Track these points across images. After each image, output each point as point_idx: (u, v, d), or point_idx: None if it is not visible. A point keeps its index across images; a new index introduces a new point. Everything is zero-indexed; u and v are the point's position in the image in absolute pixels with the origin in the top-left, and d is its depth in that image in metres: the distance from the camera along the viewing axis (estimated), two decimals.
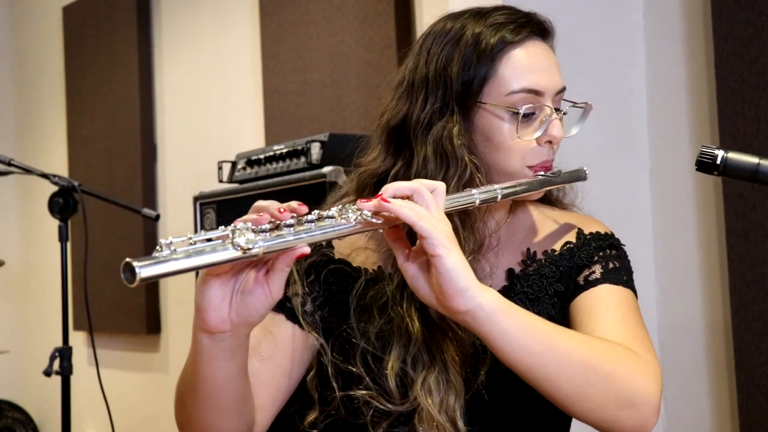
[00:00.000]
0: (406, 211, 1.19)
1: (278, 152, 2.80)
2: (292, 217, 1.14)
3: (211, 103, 4.11)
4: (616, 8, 2.64)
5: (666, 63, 2.58)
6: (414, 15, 3.09)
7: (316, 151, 2.64)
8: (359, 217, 1.19)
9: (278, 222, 1.13)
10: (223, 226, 1.09)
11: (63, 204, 3.00)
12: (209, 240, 1.08)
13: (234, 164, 2.99)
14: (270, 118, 3.64)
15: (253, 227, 1.10)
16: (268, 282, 1.16)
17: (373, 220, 1.20)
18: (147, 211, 3.15)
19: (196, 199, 3.03)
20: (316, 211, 1.17)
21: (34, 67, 5.37)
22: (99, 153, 4.62)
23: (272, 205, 1.15)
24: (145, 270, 1.01)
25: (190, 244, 1.06)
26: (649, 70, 2.61)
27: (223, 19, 4.02)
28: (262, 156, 2.87)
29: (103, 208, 3.53)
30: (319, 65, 3.43)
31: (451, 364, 1.36)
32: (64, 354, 2.96)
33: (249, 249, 1.07)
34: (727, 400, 2.41)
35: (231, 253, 1.07)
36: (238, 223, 1.10)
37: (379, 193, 1.22)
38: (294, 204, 1.16)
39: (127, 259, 1.01)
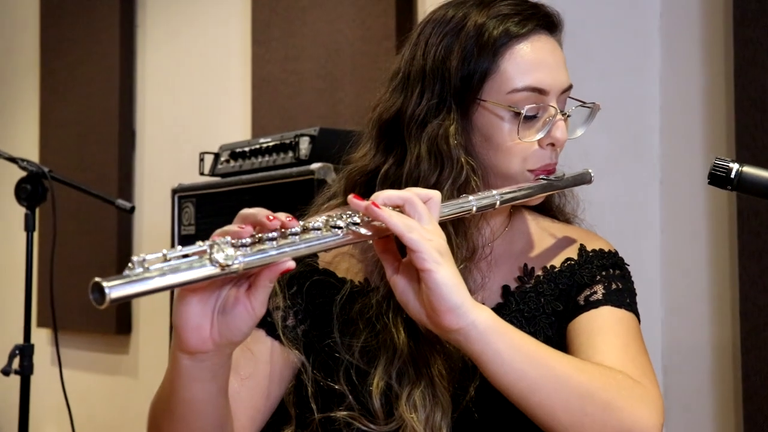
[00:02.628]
0: (395, 221, 1.17)
1: (265, 145, 2.79)
2: (276, 230, 1.12)
3: (196, 89, 4.10)
4: (631, 7, 2.63)
5: (682, 68, 2.57)
6: (416, 4, 3.07)
7: (305, 146, 2.63)
8: (347, 229, 1.17)
9: (260, 236, 1.11)
10: (200, 242, 1.07)
11: (31, 191, 2.98)
12: (185, 256, 1.06)
13: (217, 156, 2.98)
14: (258, 108, 3.63)
15: (233, 241, 1.08)
16: (251, 298, 1.14)
17: (362, 232, 1.18)
18: (121, 202, 3.13)
19: (174, 191, 3.01)
20: (302, 223, 1.15)
21: (8, 43, 5.35)
22: (73, 138, 4.59)
23: (260, 212, 1.13)
24: (115, 290, 0.99)
25: (165, 260, 1.04)
26: (663, 75, 2.60)
27: (213, 1, 4.01)
28: (247, 149, 2.86)
29: (75, 198, 3.51)
30: (312, 55, 3.41)
31: (438, 379, 1.35)
32: (24, 352, 2.94)
33: (228, 265, 1.06)
34: (733, 430, 2.40)
35: (209, 270, 1.05)
36: (217, 238, 1.08)
37: (370, 199, 1.20)
38: (282, 216, 1.14)
39: (96, 279, 0.99)
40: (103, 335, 4.42)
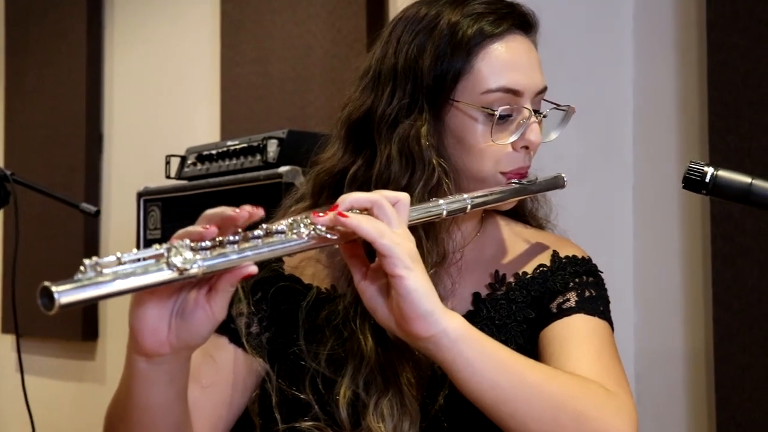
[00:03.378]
0: (365, 226, 1.14)
1: (232, 148, 2.76)
2: (238, 233, 1.09)
3: (164, 91, 4.06)
4: (604, 10, 2.62)
5: (655, 72, 2.56)
6: (387, 6, 3.04)
7: (272, 148, 2.60)
8: (312, 232, 1.14)
9: (221, 239, 1.07)
10: (158, 245, 1.04)
11: None
12: (142, 259, 1.02)
13: (183, 159, 2.95)
14: (227, 111, 3.59)
15: (192, 245, 1.04)
16: (210, 302, 1.10)
17: (328, 236, 1.15)
18: (85, 206, 3.07)
19: (140, 195, 2.98)
20: (265, 226, 1.11)
21: None
22: (39, 140, 4.54)
23: (224, 210, 1.10)
24: (65, 295, 0.95)
25: (119, 264, 1.00)
26: (636, 79, 2.59)
27: (182, 2, 3.97)
28: (214, 151, 2.83)
29: (40, 201, 3.44)
30: (282, 57, 3.38)
31: (406, 387, 1.33)
32: None
33: (186, 269, 1.02)
34: None
35: (166, 275, 1.02)
36: (175, 241, 1.05)
37: (335, 203, 1.17)
38: (248, 207, 1.10)
39: (45, 283, 0.95)
40: (69, 341, 4.36)
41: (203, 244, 1.05)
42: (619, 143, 2.60)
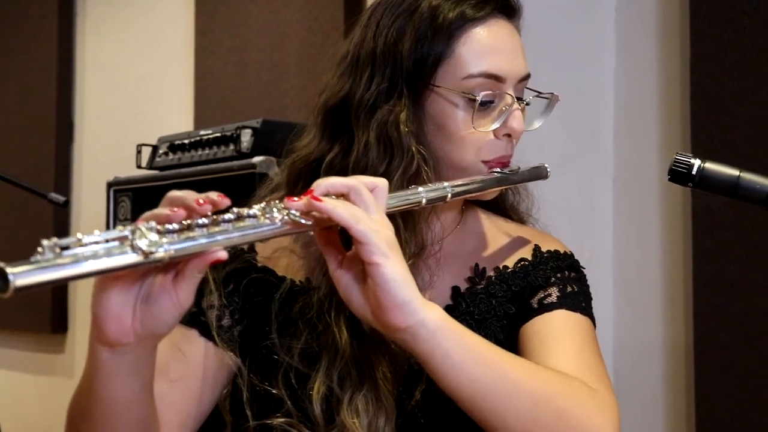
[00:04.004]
0: (340, 211, 1.10)
1: (205, 138, 2.71)
2: (207, 216, 1.04)
3: (137, 79, 4.00)
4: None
5: (637, 63, 2.52)
6: None
7: (246, 138, 2.55)
8: (286, 217, 1.09)
9: (189, 222, 1.02)
10: (121, 226, 0.99)
11: None
12: (106, 242, 0.97)
13: (155, 148, 2.91)
14: (201, 100, 3.55)
15: (159, 227, 1.00)
16: (177, 288, 1.05)
17: (302, 221, 1.10)
18: (54, 195, 3.03)
19: (110, 185, 2.94)
20: (236, 210, 1.07)
21: None
22: (8, 129, 4.47)
23: (189, 195, 1.05)
24: (21, 278, 0.89)
25: (80, 245, 0.95)
26: (618, 70, 2.55)
27: None
28: (186, 141, 2.79)
29: (9, 191, 3.40)
30: (257, 45, 3.34)
31: (382, 382, 1.29)
32: None
33: (152, 253, 0.97)
34: None
35: (130, 258, 0.97)
36: (141, 223, 1.00)
37: (310, 188, 1.13)
38: (213, 195, 1.06)
39: None
40: (38, 334, 4.30)
41: (170, 226, 1.01)
42: (599, 135, 2.56)
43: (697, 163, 1.25)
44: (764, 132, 2.16)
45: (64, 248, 0.93)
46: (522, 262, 1.41)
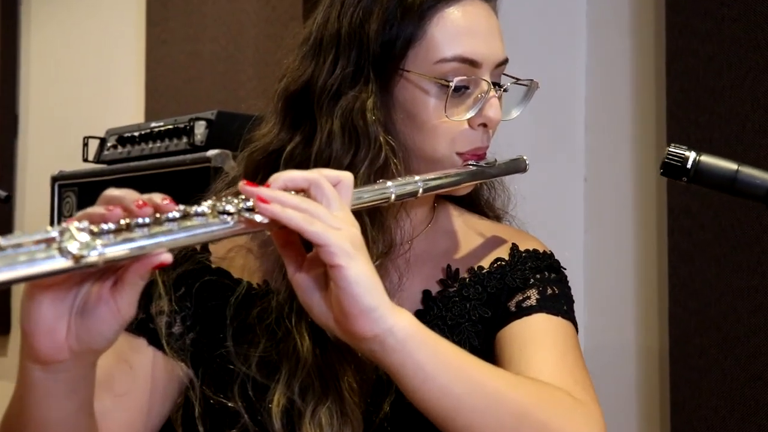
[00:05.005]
0: (290, 214, 0.99)
1: (156, 130, 2.61)
2: (149, 215, 0.93)
3: (85, 70, 3.89)
4: None
5: (610, 57, 2.45)
6: None
7: (200, 131, 2.46)
8: (238, 216, 0.98)
9: (128, 221, 0.91)
10: (50, 226, 0.87)
11: None
12: (29, 243, 0.85)
13: (103, 141, 2.81)
14: (152, 92, 3.44)
15: (92, 228, 0.88)
16: (116, 297, 0.94)
17: (257, 219, 0.99)
18: None
19: (54, 179, 2.82)
20: (182, 207, 0.95)
21: None
22: None
23: (128, 195, 0.94)
24: None
25: (1, 249, 0.83)
26: (590, 64, 2.47)
27: None
28: (136, 133, 2.69)
29: None
30: (212, 36, 3.24)
31: (347, 393, 1.20)
32: None
33: (83, 257, 0.85)
34: None
35: (57, 263, 0.85)
36: (72, 222, 0.87)
37: (267, 183, 1.03)
38: (157, 198, 0.94)
39: None
40: None
41: (106, 227, 0.89)
42: (570, 132, 2.48)
43: (692, 156, 1.18)
44: (742, 128, 2.09)
45: None
46: (498, 263, 1.32)
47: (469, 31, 1.23)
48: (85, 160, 2.85)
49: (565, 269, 1.37)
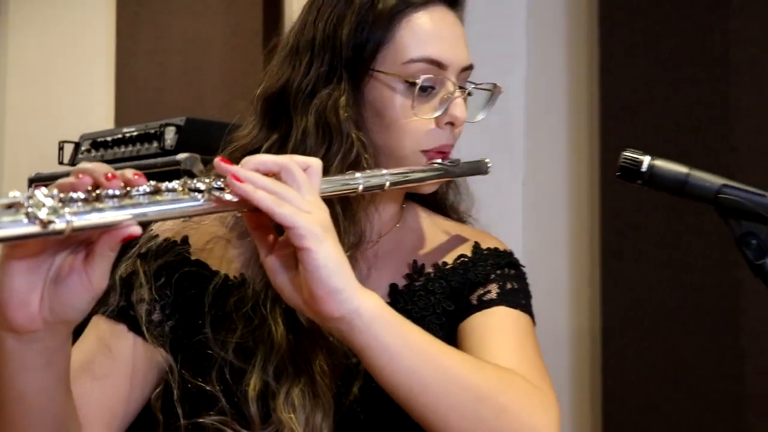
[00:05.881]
0: (260, 194, 0.92)
1: (128, 135, 2.50)
2: (119, 188, 0.85)
3: (59, 77, 3.76)
4: (498, 4, 2.42)
5: (547, 68, 2.39)
6: (284, 3, 2.85)
7: (170, 135, 2.35)
8: (208, 194, 0.90)
9: (98, 192, 0.84)
10: (18, 192, 0.79)
11: None
12: None
13: (77, 145, 2.70)
14: (122, 102, 3.34)
15: (61, 196, 0.80)
16: (88, 269, 0.87)
17: (227, 198, 0.92)
18: None
19: (31, 181, 2.70)
20: (153, 182, 0.88)
21: None
22: None
23: (99, 168, 0.86)
24: None
25: None
26: (529, 72, 2.40)
27: None
28: (109, 138, 2.58)
29: None
30: (179, 48, 3.15)
31: (319, 376, 1.12)
32: None
33: (50, 222, 0.77)
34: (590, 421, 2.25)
35: (24, 228, 0.77)
36: (42, 189, 0.80)
37: (241, 163, 0.96)
38: (128, 173, 0.87)
39: None
40: None
41: (74, 195, 0.81)
42: (510, 139, 2.42)
43: (646, 160, 1.12)
44: (672, 135, 2.05)
45: None
46: (461, 259, 1.26)
47: (436, 35, 1.18)
48: (61, 162, 2.75)
49: (523, 267, 1.31)
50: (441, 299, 1.22)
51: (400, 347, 0.98)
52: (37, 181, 2.69)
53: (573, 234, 2.29)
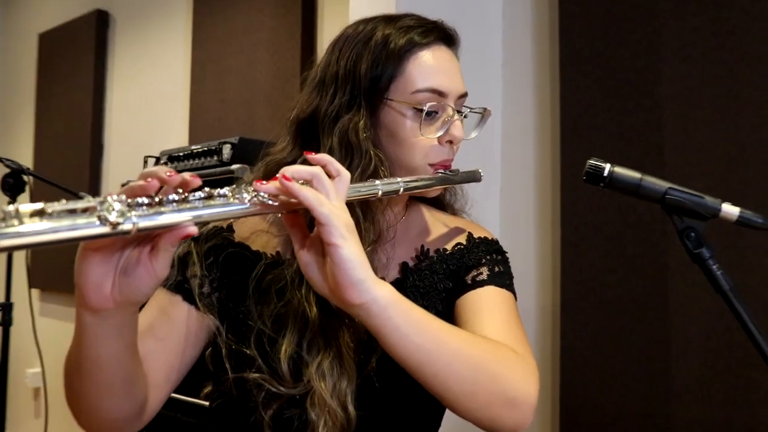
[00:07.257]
0: (306, 193, 0.81)
1: (195, 151, 2.38)
2: (178, 193, 0.73)
3: (149, 110, 3.61)
4: (478, 15, 2.21)
5: (518, 102, 2.20)
6: (316, 51, 2.73)
7: (227, 151, 2.23)
8: (254, 199, 0.78)
9: (160, 198, 0.72)
10: (91, 197, 0.67)
11: (12, 184, 2.50)
12: (72, 212, 0.64)
13: (158, 159, 2.56)
14: (194, 127, 3.20)
15: (129, 201, 0.69)
16: (152, 261, 0.79)
17: (270, 202, 0.80)
18: (82, 194, 2.63)
19: (123, 186, 2.54)
20: (207, 189, 0.76)
21: (13, 82, 4.73)
22: (58, 148, 4.03)
23: (160, 169, 0.75)
24: None
25: (44, 214, 0.62)
26: (504, 106, 2.22)
27: (164, 49, 3.54)
28: (181, 153, 2.44)
29: (50, 192, 2.97)
30: (235, 88, 3.01)
31: (345, 350, 1.01)
32: (5, 309, 2.54)
33: (119, 224, 0.66)
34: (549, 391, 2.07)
35: (96, 229, 0.65)
36: (112, 195, 0.68)
37: (278, 174, 0.83)
38: (186, 174, 0.76)
39: None
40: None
41: (140, 200, 0.71)
42: (491, 154, 2.24)
43: (607, 167, 1.02)
44: (627, 145, 1.86)
45: (25, 216, 0.62)
46: (458, 246, 1.13)
47: (438, 69, 1.06)
48: None
49: (507, 253, 1.18)
50: (442, 278, 1.10)
51: (408, 327, 0.88)
52: None
53: (539, 228, 2.12)
